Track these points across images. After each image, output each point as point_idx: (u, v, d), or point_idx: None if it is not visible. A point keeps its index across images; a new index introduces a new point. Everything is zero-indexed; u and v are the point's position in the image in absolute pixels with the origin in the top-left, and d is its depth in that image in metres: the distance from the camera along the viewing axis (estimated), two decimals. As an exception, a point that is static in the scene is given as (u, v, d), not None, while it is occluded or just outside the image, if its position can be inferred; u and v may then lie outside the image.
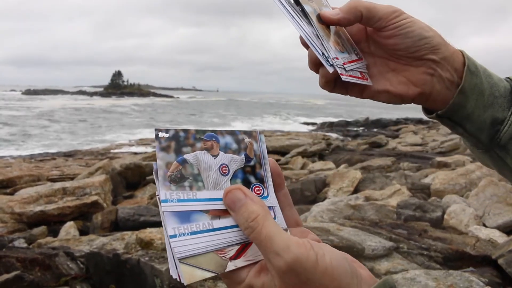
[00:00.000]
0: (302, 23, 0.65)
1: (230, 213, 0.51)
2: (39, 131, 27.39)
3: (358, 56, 0.72)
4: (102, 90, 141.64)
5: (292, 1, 0.65)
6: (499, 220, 3.89)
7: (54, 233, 5.21)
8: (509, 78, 0.72)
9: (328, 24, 0.69)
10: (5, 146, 20.76)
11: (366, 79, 0.71)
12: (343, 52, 0.69)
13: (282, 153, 13.18)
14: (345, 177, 6.54)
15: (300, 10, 0.66)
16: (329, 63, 0.65)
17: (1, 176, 8.50)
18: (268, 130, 26.36)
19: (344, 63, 0.67)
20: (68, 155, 16.07)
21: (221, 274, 0.49)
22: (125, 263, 2.94)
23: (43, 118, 36.55)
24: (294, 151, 12.66)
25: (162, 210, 0.48)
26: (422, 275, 2.41)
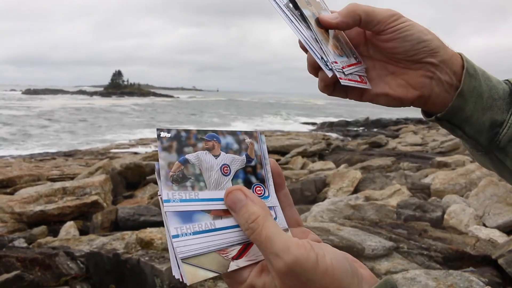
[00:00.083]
0: (300, 27, 0.65)
1: (231, 213, 0.51)
2: (39, 131, 27.37)
3: (357, 59, 0.72)
4: (102, 90, 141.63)
5: (291, 5, 0.65)
6: (499, 220, 3.89)
7: (54, 233, 5.22)
8: (508, 80, 0.72)
9: (327, 28, 0.69)
10: (5, 146, 20.74)
11: (365, 83, 0.71)
12: (342, 56, 0.69)
13: (282, 153, 13.19)
14: (345, 177, 6.54)
15: (299, 14, 0.65)
16: (328, 67, 0.65)
17: (1, 175, 8.50)
18: (268, 130, 26.35)
19: (343, 67, 0.68)
20: (68, 155, 16.06)
21: (223, 274, 0.49)
22: (125, 263, 2.94)
23: (43, 118, 36.53)
24: (294, 151, 12.66)
25: (165, 210, 0.48)
26: (422, 275, 2.41)
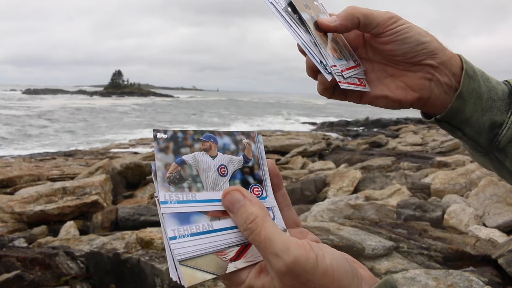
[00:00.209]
0: (299, 31, 0.65)
1: (229, 214, 0.51)
2: (39, 131, 27.37)
3: (356, 62, 0.72)
4: (102, 89, 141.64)
5: (289, 9, 0.65)
6: (499, 219, 3.89)
7: (54, 232, 5.22)
8: (507, 81, 0.72)
9: (325, 31, 0.69)
10: (5, 146, 20.74)
11: (364, 86, 0.71)
12: (341, 59, 0.69)
13: (282, 152, 13.19)
14: (345, 176, 6.54)
15: (297, 18, 0.65)
16: (327, 71, 0.65)
17: (1, 175, 8.50)
18: (268, 130, 26.34)
19: (342, 71, 0.67)
20: (68, 155, 16.06)
21: (221, 276, 0.49)
22: (125, 263, 2.94)
23: (43, 118, 36.53)
24: (294, 151, 12.66)
25: (162, 211, 0.48)
26: (422, 275, 2.41)
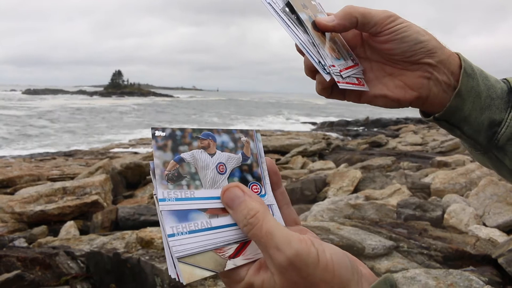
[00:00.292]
0: (297, 32, 0.65)
1: (228, 211, 0.50)
2: (39, 131, 27.38)
3: (354, 61, 0.72)
4: (102, 89, 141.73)
5: (287, 9, 0.65)
6: (499, 219, 3.89)
7: (55, 232, 5.22)
8: (506, 79, 0.72)
9: (323, 31, 0.69)
10: (5, 146, 20.75)
11: (363, 85, 0.71)
12: (339, 58, 0.69)
13: (282, 152, 13.19)
14: (345, 176, 6.54)
15: (295, 18, 0.65)
16: (325, 71, 0.65)
17: (1, 175, 8.51)
18: (268, 129, 26.34)
19: (340, 70, 0.67)
20: (68, 155, 16.06)
21: (220, 273, 0.49)
22: (125, 262, 2.94)
23: (44, 118, 36.55)
24: (294, 151, 12.66)
25: (160, 209, 0.48)
26: (422, 274, 2.41)
